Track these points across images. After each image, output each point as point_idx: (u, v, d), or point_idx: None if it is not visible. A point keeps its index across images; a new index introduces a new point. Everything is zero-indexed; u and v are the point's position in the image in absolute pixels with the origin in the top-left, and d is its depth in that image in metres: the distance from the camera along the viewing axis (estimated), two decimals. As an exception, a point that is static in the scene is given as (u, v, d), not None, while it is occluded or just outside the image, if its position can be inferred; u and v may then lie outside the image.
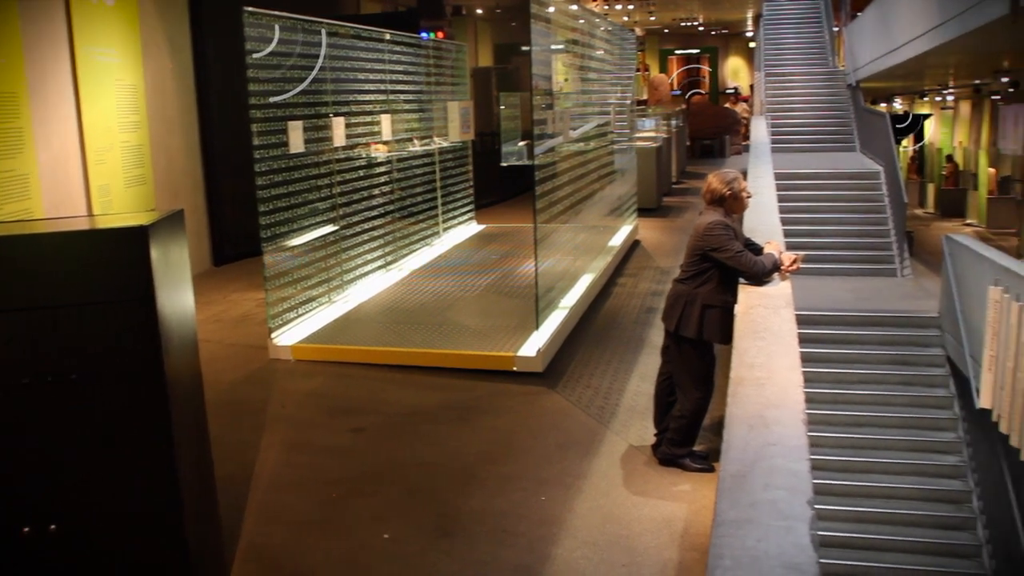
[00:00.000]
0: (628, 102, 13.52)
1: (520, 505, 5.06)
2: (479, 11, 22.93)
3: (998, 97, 24.43)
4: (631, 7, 25.86)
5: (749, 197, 5.40)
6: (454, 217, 12.59)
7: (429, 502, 5.14)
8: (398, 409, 6.58)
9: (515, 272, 10.15)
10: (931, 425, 8.78)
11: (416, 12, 17.04)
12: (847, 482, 8.32)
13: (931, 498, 8.25)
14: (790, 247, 6.81)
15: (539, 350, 7.09)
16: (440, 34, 16.86)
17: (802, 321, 9.16)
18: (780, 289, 4.87)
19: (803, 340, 9.09)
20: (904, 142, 25.59)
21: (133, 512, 3.51)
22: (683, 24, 31.69)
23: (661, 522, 4.82)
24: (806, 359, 8.95)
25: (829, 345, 9.37)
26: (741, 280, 5.10)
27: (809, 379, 8.81)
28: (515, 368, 7.09)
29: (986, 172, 21.52)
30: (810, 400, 8.61)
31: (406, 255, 10.76)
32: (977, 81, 22.51)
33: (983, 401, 5.74)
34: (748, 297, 4.75)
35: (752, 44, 29.97)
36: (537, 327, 7.32)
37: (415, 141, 11.31)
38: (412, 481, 5.43)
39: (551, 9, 8.53)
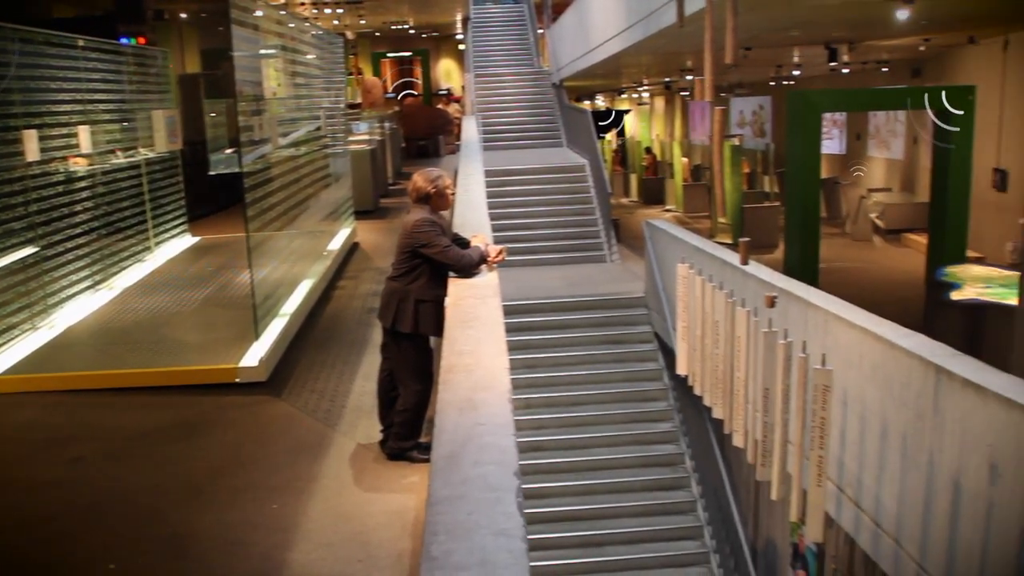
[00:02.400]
0: (340, 106, 13.52)
1: (253, 515, 5.02)
2: (183, 15, 22.06)
3: (687, 93, 26.50)
4: (340, 11, 25.77)
5: (453, 194, 5.61)
6: (166, 231, 12.10)
7: (158, 525, 4.97)
8: (119, 434, 6.29)
9: (233, 282, 9.93)
10: (644, 397, 9.41)
11: (114, 17, 16.15)
12: (572, 458, 8.78)
13: (649, 464, 8.86)
14: (505, 240, 7.11)
15: (261, 359, 7.01)
16: (141, 40, 16.10)
17: (519, 310, 9.65)
18: (488, 280, 5.10)
19: (521, 328, 9.55)
20: (608, 136, 27.16)
21: None
22: (394, 27, 31.93)
23: (393, 515, 4.93)
24: (526, 346, 9.41)
25: (546, 331, 9.84)
26: (451, 273, 5.30)
27: (529, 365, 9.29)
28: (238, 379, 6.97)
29: (680, 162, 23.21)
30: (532, 385, 9.09)
31: (116, 273, 10.22)
32: (667, 79, 24.30)
33: (680, 368, 6.28)
34: (458, 289, 4.95)
35: (462, 46, 30.73)
36: (257, 336, 7.23)
37: (118, 153, 10.78)
38: (138, 506, 5.23)
39: (258, 13, 8.41)
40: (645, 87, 30.10)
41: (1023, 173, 13.58)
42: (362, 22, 28.79)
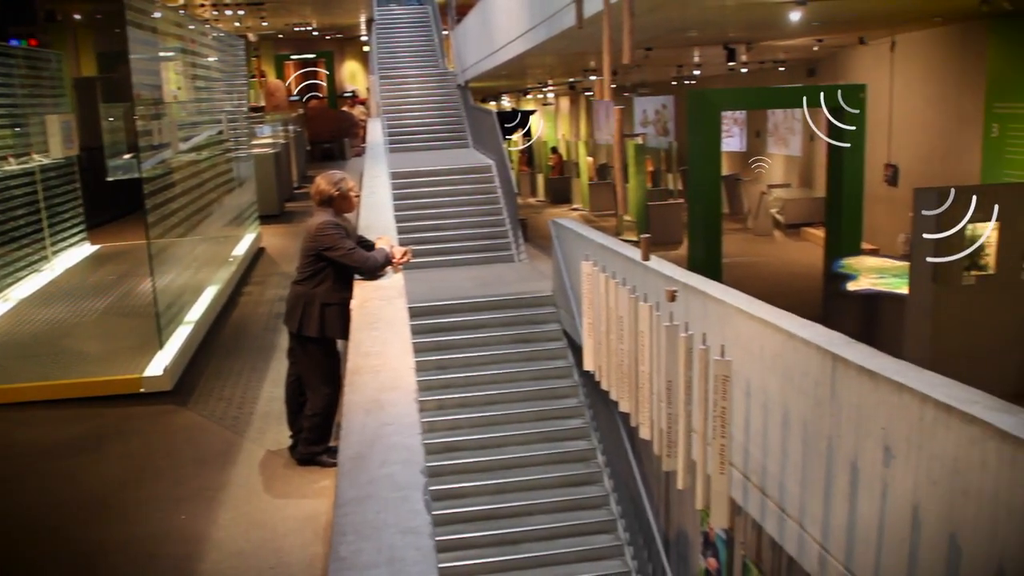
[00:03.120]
0: (243, 109, 13.33)
1: (161, 527, 4.94)
2: (77, 16, 21.42)
3: (591, 93, 26.78)
4: (241, 12, 25.33)
5: (357, 196, 5.62)
6: (63, 239, 11.76)
7: (63, 542, 4.86)
8: (18, 450, 6.12)
9: (135, 291, 9.73)
10: (555, 394, 9.50)
11: (3, 18, 15.62)
12: (486, 458, 8.82)
13: (561, 460, 8.95)
14: (413, 242, 7.13)
15: (166, 368, 6.89)
16: (33, 42, 15.62)
17: (430, 312, 9.66)
18: (393, 281, 5.13)
19: (432, 330, 9.56)
20: (514, 137, 27.29)
21: None
22: (297, 29, 31.54)
23: (304, 520, 4.91)
24: (437, 347, 9.42)
25: (456, 332, 9.85)
26: (356, 276, 5.30)
27: (441, 366, 9.31)
28: (142, 389, 6.85)
29: (585, 161, 23.43)
30: (445, 386, 9.11)
31: (11, 284, 9.91)
32: (572, 79, 24.53)
33: (587, 364, 6.36)
34: (363, 291, 4.96)
35: (367, 48, 30.51)
36: (161, 345, 7.10)
37: (10, 159, 10.45)
38: (42, 523, 5.10)
39: (156, 15, 8.26)
40: (550, 88, 30.33)
41: (912, 168, 14.11)
42: (264, 24, 28.36)
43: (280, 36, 33.73)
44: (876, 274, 10.02)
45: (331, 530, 2.45)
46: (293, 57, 35.37)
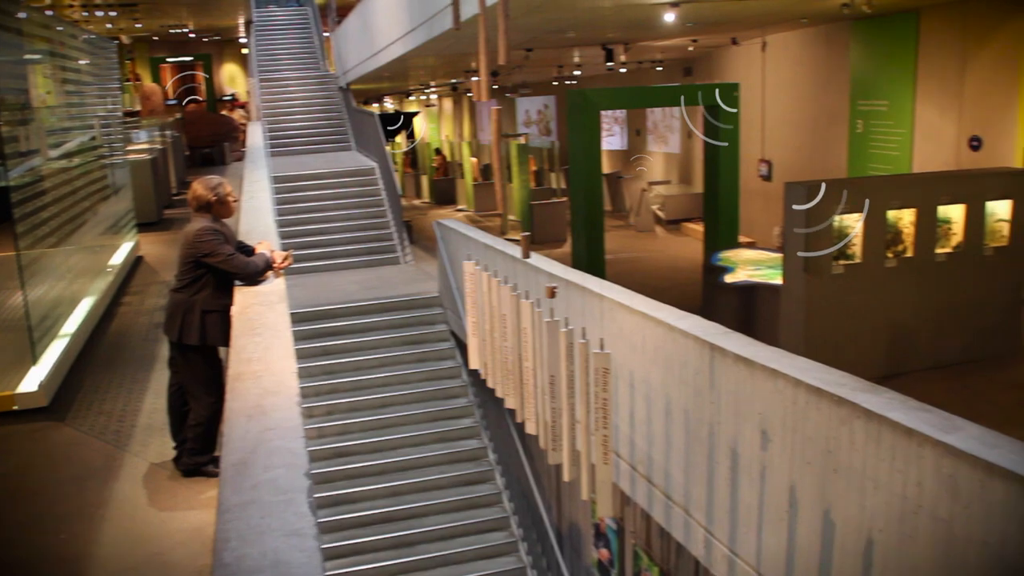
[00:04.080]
0: (117, 114, 12.95)
1: (38, 548, 4.79)
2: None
3: (473, 94, 26.82)
4: (113, 14, 24.53)
5: (236, 201, 5.54)
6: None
7: (-71, 569, 4.67)
8: None
9: (5, 304, 9.33)
10: (445, 395, 9.49)
11: None
12: (380, 460, 8.77)
13: (454, 460, 8.97)
14: (297, 246, 7.04)
15: (41, 383, 6.67)
16: None
17: (316, 316, 9.56)
18: (274, 286, 5.08)
19: (318, 335, 9.45)
20: (398, 139, 27.19)
21: None
22: (173, 31, 30.75)
23: (192, 532, 4.83)
24: (324, 352, 9.33)
25: (346, 336, 9.76)
26: (236, 282, 5.23)
27: (333, 370, 9.22)
28: (16, 407, 6.61)
29: (469, 162, 23.49)
30: (335, 390, 9.03)
31: None
32: (454, 80, 24.57)
33: (472, 363, 6.37)
34: (244, 297, 4.90)
35: (246, 51, 29.95)
36: (35, 360, 6.87)
37: None
38: (-95, 552, 4.88)
39: (22, 15, 7.97)
40: (433, 89, 30.31)
41: (785, 163, 14.62)
42: (138, 26, 27.52)
43: (155, 38, 32.82)
44: (752, 266, 10.36)
45: (215, 537, 2.43)
46: (169, 60, 34.47)
